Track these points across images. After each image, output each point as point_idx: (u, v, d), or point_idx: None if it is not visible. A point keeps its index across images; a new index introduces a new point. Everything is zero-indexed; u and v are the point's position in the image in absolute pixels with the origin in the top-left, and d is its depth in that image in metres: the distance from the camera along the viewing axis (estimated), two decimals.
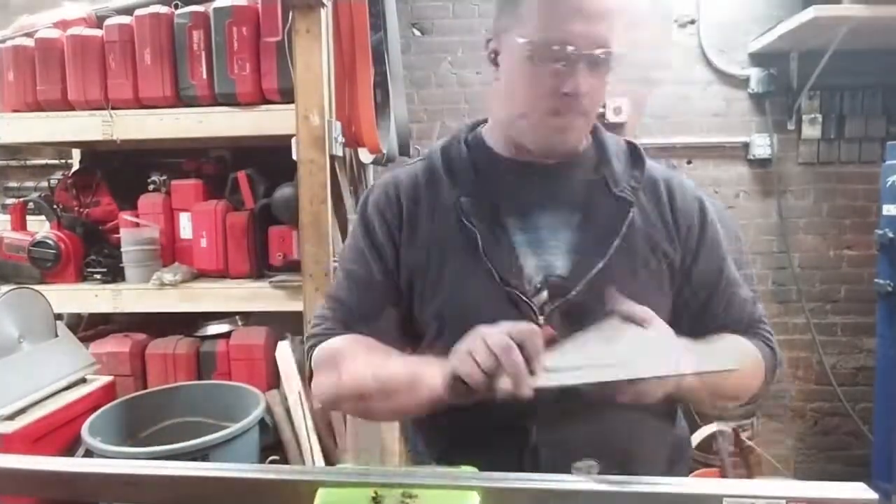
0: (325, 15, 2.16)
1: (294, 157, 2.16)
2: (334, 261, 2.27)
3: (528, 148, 1.06)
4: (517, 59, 1.00)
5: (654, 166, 1.15)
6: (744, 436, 2.87)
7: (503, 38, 1.05)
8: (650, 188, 1.11)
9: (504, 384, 0.80)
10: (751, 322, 1.16)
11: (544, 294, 1.02)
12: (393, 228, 1.09)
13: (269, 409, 2.08)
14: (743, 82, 3.37)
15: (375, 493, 0.64)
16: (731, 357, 1.01)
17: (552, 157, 1.06)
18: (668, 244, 1.08)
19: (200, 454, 1.75)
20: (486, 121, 1.19)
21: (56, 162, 3.57)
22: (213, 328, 2.53)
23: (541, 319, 0.99)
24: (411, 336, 1.11)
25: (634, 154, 1.15)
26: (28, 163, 3.68)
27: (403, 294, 1.09)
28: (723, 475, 2.63)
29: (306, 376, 1.15)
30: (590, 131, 1.12)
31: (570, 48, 0.94)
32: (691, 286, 1.11)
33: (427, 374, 0.92)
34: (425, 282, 1.06)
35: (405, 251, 1.08)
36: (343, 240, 2.40)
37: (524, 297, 1.00)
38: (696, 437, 2.71)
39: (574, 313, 0.99)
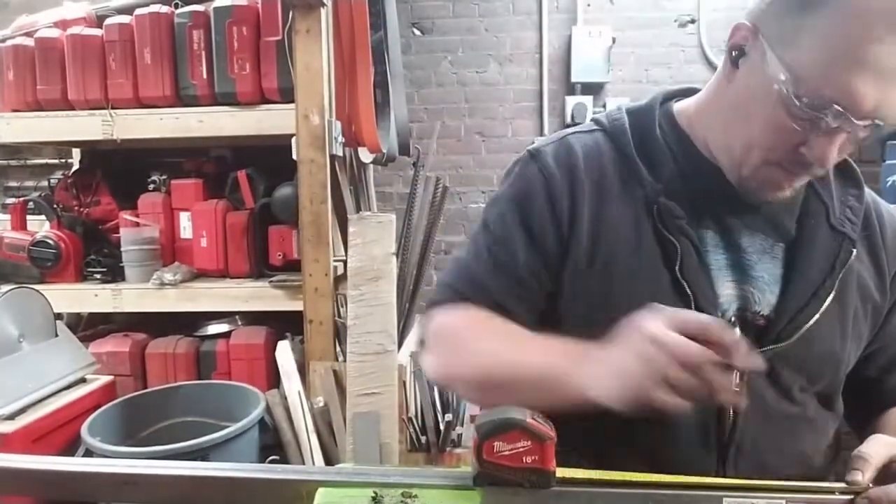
0: (325, 15, 2.16)
1: (294, 156, 2.16)
2: (335, 260, 2.28)
3: (727, 176, 0.84)
4: (766, 82, 0.73)
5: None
6: None
7: (763, 45, 0.75)
8: (865, 220, 0.89)
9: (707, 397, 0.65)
10: None
11: (737, 331, 0.82)
12: (562, 216, 0.86)
13: (269, 409, 2.08)
14: None
15: (375, 493, 0.64)
16: None
17: (752, 201, 0.84)
18: (878, 292, 0.89)
19: (200, 454, 1.75)
20: (679, 93, 0.95)
21: (56, 161, 3.58)
22: (213, 328, 2.53)
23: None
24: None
25: (848, 174, 0.91)
26: (28, 162, 3.69)
27: (552, 296, 0.88)
28: None
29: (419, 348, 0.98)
30: None
31: (847, 112, 0.69)
32: (884, 339, 0.92)
33: (563, 372, 0.74)
34: (596, 291, 0.84)
35: (575, 247, 0.85)
36: (343, 240, 2.40)
37: None
38: None
39: (774, 365, 0.83)
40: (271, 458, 2.02)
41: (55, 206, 2.61)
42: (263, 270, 2.44)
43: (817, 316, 0.83)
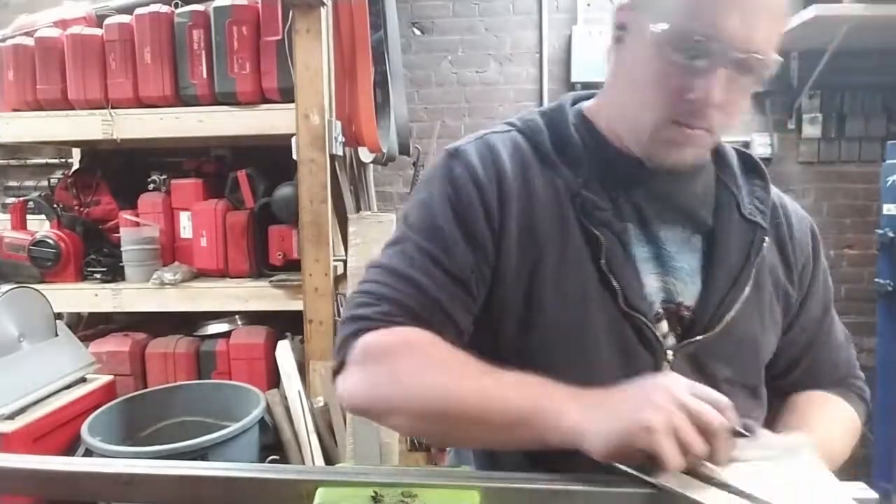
0: (325, 14, 2.16)
1: (294, 156, 2.16)
2: (335, 260, 2.28)
3: (635, 153, 0.86)
4: (645, 44, 0.79)
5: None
6: None
7: (635, 12, 0.82)
8: (771, 212, 0.92)
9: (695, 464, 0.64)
10: (847, 371, 1.01)
11: (664, 325, 0.85)
12: (492, 211, 0.84)
13: (269, 409, 2.08)
14: None
15: (375, 492, 0.64)
16: (846, 446, 0.91)
17: (661, 170, 0.85)
18: (788, 282, 0.93)
19: (200, 454, 1.75)
20: (586, 96, 0.97)
21: (56, 161, 3.58)
22: (213, 327, 2.53)
23: (668, 356, 0.83)
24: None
25: (752, 167, 0.95)
26: (28, 162, 3.68)
27: (483, 299, 0.86)
28: None
29: (333, 368, 0.87)
30: None
31: (715, 44, 0.74)
32: (795, 329, 0.95)
33: (552, 412, 0.69)
34: (525, 291, 0.84)
35: (505, 244, 0.84)
36: (343, 240, 2.40)
37: (650, 327, 0.83)
38: None
39: (699, 356, 0.85)
40: (271, 457, 2.02)
41: (55, 205, 2.62)
42: (263, 270, 2.44)
43: (738, 304, 0.85)
